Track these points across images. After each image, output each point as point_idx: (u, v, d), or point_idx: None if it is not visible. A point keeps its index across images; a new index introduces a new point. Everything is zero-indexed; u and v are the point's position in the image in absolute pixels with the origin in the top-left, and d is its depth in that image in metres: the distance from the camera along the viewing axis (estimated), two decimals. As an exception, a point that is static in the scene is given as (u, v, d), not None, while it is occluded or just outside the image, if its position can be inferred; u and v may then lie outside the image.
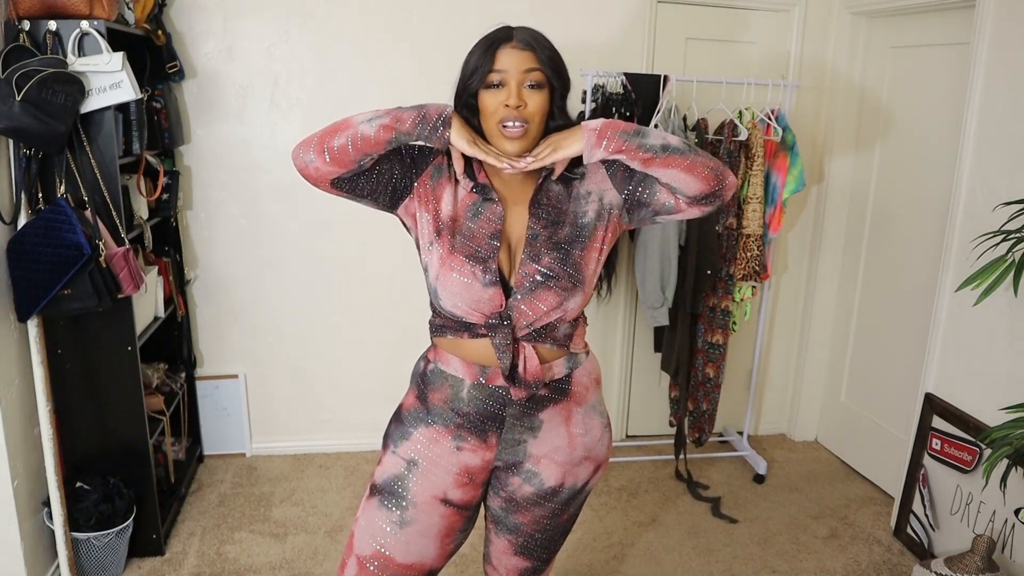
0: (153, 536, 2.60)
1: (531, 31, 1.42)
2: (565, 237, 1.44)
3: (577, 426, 1.52)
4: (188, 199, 3.10)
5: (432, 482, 1.49)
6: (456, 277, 1.40)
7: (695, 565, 2.68)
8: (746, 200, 3.01)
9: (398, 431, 1.54)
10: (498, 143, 1.40)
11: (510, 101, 1.36)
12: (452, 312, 1.43)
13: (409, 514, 1.49)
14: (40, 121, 2.00)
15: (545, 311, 1.41)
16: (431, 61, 3.05)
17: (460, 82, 1.43)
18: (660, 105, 2.93)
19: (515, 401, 1.45)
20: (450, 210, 1.44)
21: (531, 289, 1.40)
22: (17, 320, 2.19)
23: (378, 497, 1.52)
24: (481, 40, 1.41)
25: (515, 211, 1.46)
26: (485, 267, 1.40)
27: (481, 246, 1.41)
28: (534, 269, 1.41)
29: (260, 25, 2.98)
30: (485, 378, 1.45)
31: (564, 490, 1.55)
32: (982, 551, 2.25)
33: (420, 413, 1.51)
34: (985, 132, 2.50)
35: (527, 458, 1.51)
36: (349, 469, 3.26)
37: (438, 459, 1.49)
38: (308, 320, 3.26)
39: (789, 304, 3.63)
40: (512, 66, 1.37)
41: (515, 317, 1.40)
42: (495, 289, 1.40)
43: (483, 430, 1.47)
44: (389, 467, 1.52)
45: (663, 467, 3.37)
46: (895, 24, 3.12)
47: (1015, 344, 2.37)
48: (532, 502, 1.55)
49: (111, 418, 2.47)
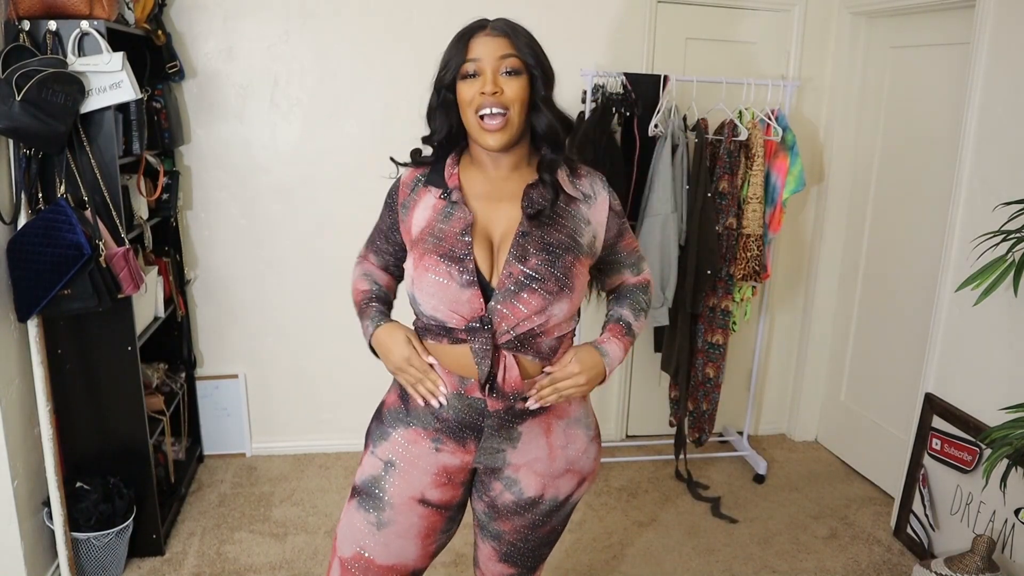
0: (153, 536, 2.60)
1: (507, 20, 1.39)
2: (558, 242, 1.38)
3: (558, 438, 1.47)
4: (188, 199, 3.10)
5: (409, 483, 1.46)
6: (432, 278, 1.35)
7: (695, 565, 2.68)
8: (746, 200, 3.01)
9: (378, 431, 1.52)
10: (479, 137, 1.37)
11: (486, 88, 1.33)
12: (432, 315, 1.39)
13: (387, 515, 1.47)
14: (40, 121, 2.00)
15: (527, 314, 1.34)
16: (431, 61, 3.03)
17: (436, 78, 1.41)
18: (660, 105, 2.93)
19: (491, 412, 1.40)
20: (423, 219, 1.42)
21: (514, 291, 1.34)
22: (17, 320, 2.19)
23: (357, 499, 1.50)
24: (457, 33, 1.40)
25: (500, 208, 1.41)
26: (462, 266, 1.34)
27: (454, 245, 1.36)
28: (519, 270, 1.34)
29: (260, 25, 2.98)
30: (464, 388, 1.39)
31: (545, 501, 1.51)
32: (982, 551, 2.25)
33: (400, 413, 1.48)
34: (985, 132, 2.50)
35: (506, 465, 1.47)
36: (349, 469, 3.25)
37: (416, 459, 1.46)
38: (308, 320, 3.26)
39: (789, 304, 3.63)
40: (486, 53, 1.34)
41: (496, 321, 1.34)
42: (473, 290, 1.33)
43: (462, 436, 1.43)
44: (367, 468, 1.50)
45: (663, 467, 3.37)
46: (895, 24, 3.12)
47: (1015, 344, 2.37)
48: (512, 511, 1.52)
49: (111, 418, 2.47)
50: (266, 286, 3.22)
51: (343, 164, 3.14)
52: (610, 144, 2.91)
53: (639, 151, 2.97)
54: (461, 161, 1.47)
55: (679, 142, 2.92)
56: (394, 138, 3.08)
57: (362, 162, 3.12)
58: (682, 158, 2.92)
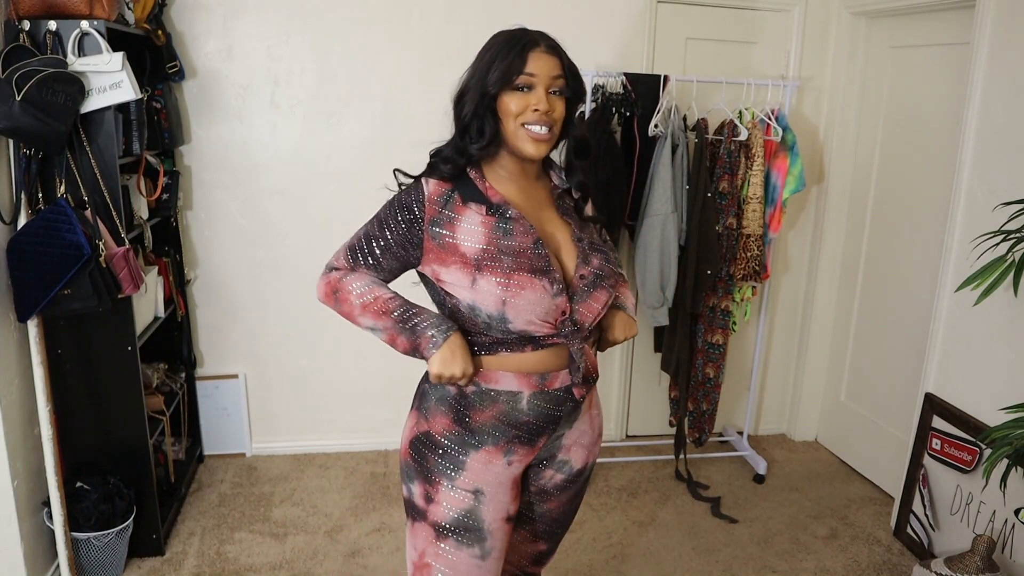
0: (153, 536, 2.60)
1: (549, 36, 1.43)
2: (598, 241, 1.53)
3: (595, 407, 1.60)
4: (188, 199, 3.10)
5: (498, 506, 1.48)
6: (528, 294, 1.36)
7: (695, 565, 2.68)
8: (746, 200, 3.01)
9: (445, 462, 1.45)
10: (522, 145, 1.40)
11: (540, 106, 1.38)
12: (524, 329, 1.39)
13: (488, 544, 1.48)
14: (40, 121, 2.00)
15: (599, 309, 1.47)
16: (431, 61, 3.05)
17: (477, 79, 1.39)
18: (660, 105, 2.93)
19: (576, 399, 1.48)
20: (477, 240, 1.39)
21: (588, 290, 1.45)
22: (17, 320, 2.19)
23: (453, 538, 1.46)
24: (505, 39, 1.39)
25: (543, 215, 1.49)
26: (551, 277, 1.39)
27: (534, 259, 1.39)
28: (588, 271, 1.45)
29: (260, 25, 2.98)
30: (544, 384, 1.45)
31: (587, 470, 1.62)
32: (982, 551, 2.25)
33: (463, 437, 1.45)
34: (985, 132, 2.50)
35: (560, 449, 1.55)
36: (349, 469, 3.26)
37: (498, 480, 1.47)
38: (308, 320, 3.25)
39: (789, 304, 3.62)
40: (542, 71, 1.38)
41: (579, 320, 1.44)
42: (563, 297, 1.41)
43: (537, 435, 1.47)
44: (455, 504, 1.45)
45: (663, 467, 3.37)
46: (895, 24, 3.12)
47: (1015, 344, 2.37)
48: (561, 488, 1.60)
49: (111, 418, 2.47)
50: (266, 286, 3.22)
51: (343, 164, 3.14)
52: (610, 144, 2.91)
53: (639, 151, 2.97)
54: (485, 173, 1.46)
55: (679, 142, 2.92)
56: (394, 138, 3.10)
57: (362, 162, 3.12)
58: (682, 158, 2.92)
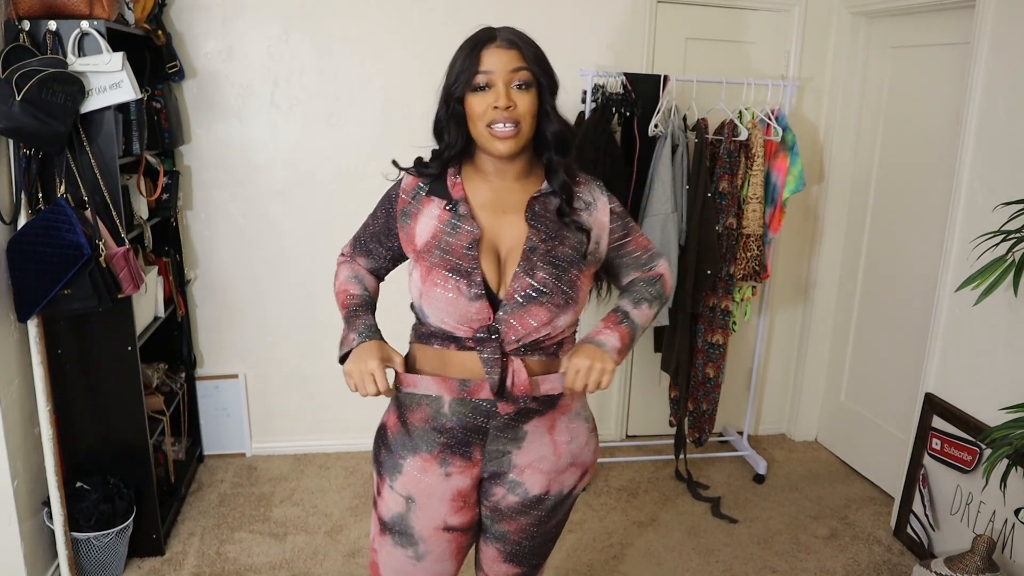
0: (153, 536, 2.60)
1: (514, 30, 1.39)
2: (564, 256, 1.40)
3: (561, 434, 1.48)
4: (188, 199, 3.10)
5: (431, 515, 1.48)
6: (440, 292, 1.36)
7: (695, 565, 2.68)
8: (746, 200, 3.01)
9: (389, 460, 1.50)
10: (488, 145, 1.37)
11: (499, 103, 1.33)
12: (439, 326, 1.40)
13: (422, 548, 1.50)
14: (40, 121, 2.00)
15: (535, 327, 1.37)
16: (431, 61, 3.02)
17: (444, 88, 1.40)
18: (660, 105, 2.93)
19: (500, 414, 1.41)
20: (428, 230, 1.42)
21: (522, 304, 1.36)
22: (17, 320, 2.19)
23: (391, 536, 1.52)
24: (464, 43, 1.39)
25: (506, 219, 1.42)
26: (469, 280, 1.35)
27: (461, 259, 1.37)
28: (527, 283, 1.36)
29: (260, 25, 2.98)
30: (467, 391, 1.39)
31: (550, 497, 1.52)
32: (982, 551, 2.25)
33: (404, 439, 1.47)
34: (985, 132, 2.50)
35: (511, 468, 1.47)
36: (349, 469, 3.26)
37: (431, 490, 1.46)
38: (308, 320, 3.26)
39: (789, 304, 3.63)
40: (498, 66, 1.34)
41: (503, 331, 1.36)
42: (481, 303, 1.35)
43: (467, 445, 1.43)
44: (392, 505, 1.50)
45: (663, 467, 3.37)
46: (895, 24, 3.12)
47: (1015, 344, 2.37)
48: (517, 511, 1.52)
49: (111, 418, 2.47)
50: (266, 286, 3.22)
51: (343, 164, 3.14)
52: (610, 144, 2.91)
53: (639, 151, 2.97)
54: (463, 171, 1.46)
55: (679, 142, 2.92)
56: (394, 138, 3.10)
57: (362, 162, 3.12)
58: (682, 158, 2.92)
